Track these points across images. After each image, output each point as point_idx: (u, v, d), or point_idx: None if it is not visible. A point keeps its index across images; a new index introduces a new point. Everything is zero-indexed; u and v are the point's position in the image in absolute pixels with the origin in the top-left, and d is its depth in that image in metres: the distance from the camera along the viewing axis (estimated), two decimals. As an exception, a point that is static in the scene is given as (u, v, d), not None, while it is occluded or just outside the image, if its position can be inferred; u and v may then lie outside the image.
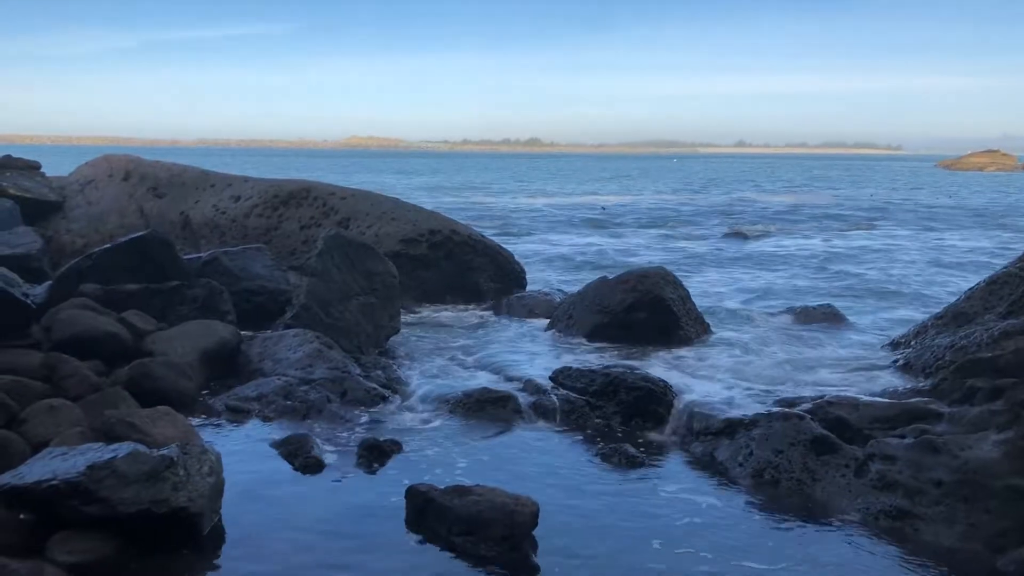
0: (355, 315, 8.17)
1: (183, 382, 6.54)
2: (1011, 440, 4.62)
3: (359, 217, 11.35)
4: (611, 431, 6.25)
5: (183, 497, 4.11)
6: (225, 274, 8.90)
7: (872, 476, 5.01)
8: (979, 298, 7.67)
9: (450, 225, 11.47)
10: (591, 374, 6.86)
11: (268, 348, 7.41)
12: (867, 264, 17.85)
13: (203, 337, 7.28)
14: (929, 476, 4.78)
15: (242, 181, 12.67)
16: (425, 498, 4.53)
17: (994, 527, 4.37)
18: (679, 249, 19.82)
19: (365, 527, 4.55)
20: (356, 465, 5.39)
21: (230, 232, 11.73)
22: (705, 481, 5.34)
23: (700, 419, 5.96)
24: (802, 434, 5.33)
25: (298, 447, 5.51)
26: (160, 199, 12.61)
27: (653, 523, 4.69)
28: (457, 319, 10.21)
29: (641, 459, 5.64)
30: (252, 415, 6.30)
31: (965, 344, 6.55)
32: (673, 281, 9.24)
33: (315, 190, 11.92)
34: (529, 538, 4.30)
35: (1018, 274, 7.45)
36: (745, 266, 17.09)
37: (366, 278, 8.47)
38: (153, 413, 5.32)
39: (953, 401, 5.49)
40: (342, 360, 7.14)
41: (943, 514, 4.59)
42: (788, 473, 5.21)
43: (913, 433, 5.16)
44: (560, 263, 16.93)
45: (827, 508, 4.92)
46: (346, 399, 6.55)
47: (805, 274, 16.18)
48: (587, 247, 20.14)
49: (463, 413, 6.49)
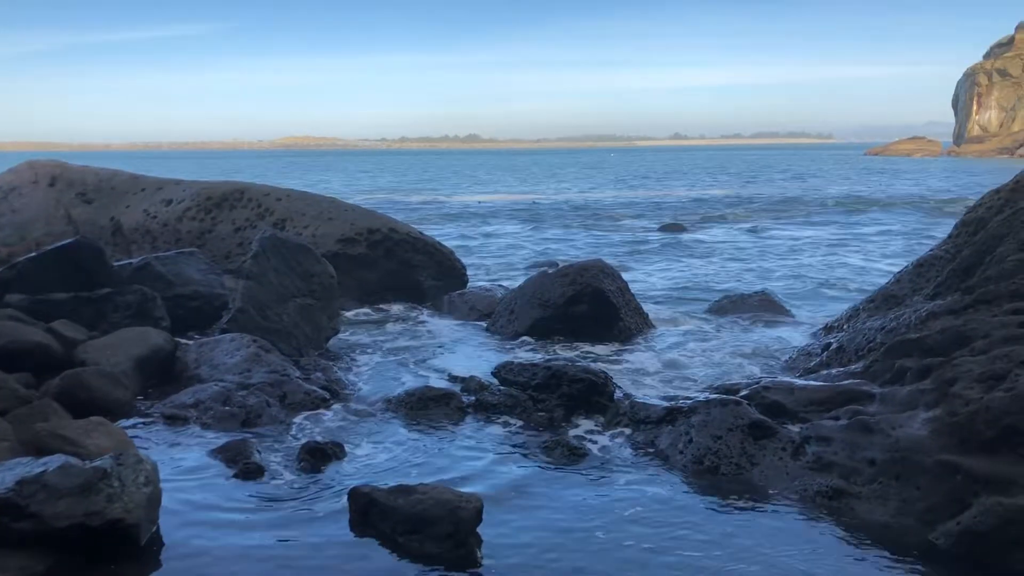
0: (293, 317, 8.07)
1: (117, 391, 6.39)
2: (939, 417, 4.76)
3: (295, 218, 11.21)
4: (554, 424, 6.27)
5: (118, 508, 4.01)
6: (158, 279, 8.71)
7: (809, 458, 5.12)
8: (907, 281, 7.89)
9: (388, 223, 11.39)
10: (533, 368, 6.87)
11: (205, 353, 7.27)
12: (802, 252, 18.24)
13: (137, 345, 7.12)
14: (863, 455, 4.90)
15: (174, 184, 12.41)
16: (368, 499, 4.49)
17: (925, 502, 4.49)
18: (617, 242, 20.01)
19: (308, 531, 4.49)
20: (298, 469, 5.32)
21: (163, 237, 11.49)
22: (647, 470, 5.39)
23: (641, 408, 6.02)
24: (740, 419, 5.41)
25: (237, 453, 5.42)
26: (89, 205, 12.28)
27: (597, 514, 4.72)
28: (398, 318, 10.16)
29: (584, 450, 5.67)
30: (190, 422, 6.18)
31: (895, 326, 6.73)
32: (612, 273, 9.33)
33: (249, 191, 11.73)
34: (474, 534, 4.30)
35: (943, 256, 7.69)
36: (681, 256, 17.33)
37: (303, 279, 8.37)
38: (86, 424, 5.18)
39: (884, 382, 5.63)
40: (281, 363, 7.04)
41: (877, 492, 4.71)
42: (727, 458, 5.29)
43: (847, 414, 5.28)
44: (500, 259, 16.95)
45: (766, 491, 5.00)
46: (286, 402, 6.47)
47: (741, 263, 16.46)
48: (525, 242, 20.20)
49: (406, 412, 6.46)
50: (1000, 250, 6.27)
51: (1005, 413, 4.47)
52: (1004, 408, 4.48)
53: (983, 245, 6.71)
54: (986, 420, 4.50)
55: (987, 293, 5.87)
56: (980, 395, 4.64)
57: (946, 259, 7.55)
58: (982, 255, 6.55)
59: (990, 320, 5.46)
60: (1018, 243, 6.22)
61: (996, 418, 4.48)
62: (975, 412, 4.57)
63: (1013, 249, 6.16)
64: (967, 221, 7.68)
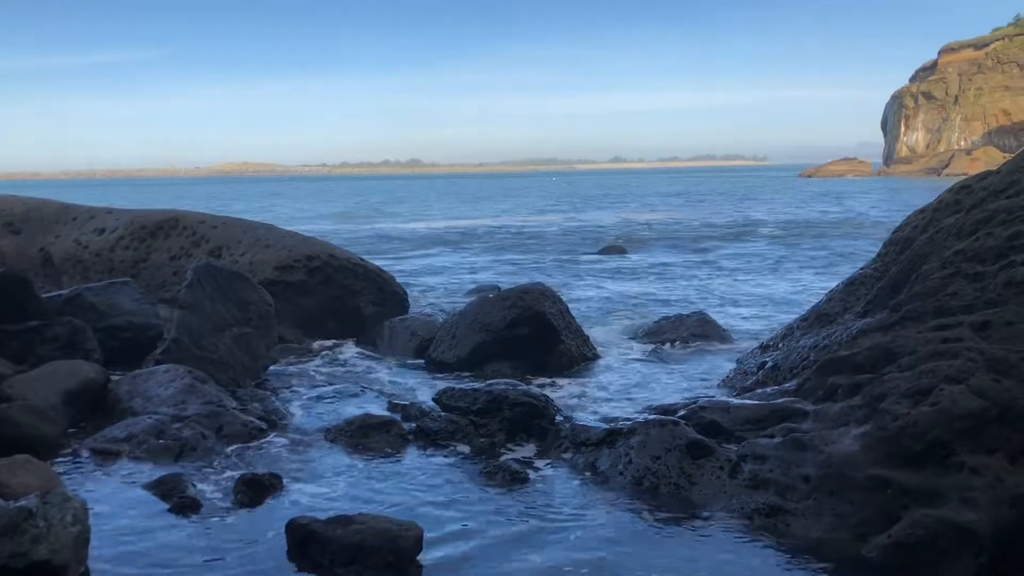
0: (229, 347, 7.94)
1: (45, 427, 6.20)
2: (870, 432, 4.86)
3: (232, 245, 11.05)
4: (495, 448, 6.26)
5: (44, 550, 3.89)
6: (89, 310, 8.51)
7: (745, 476, 5.19)
8: (839, 299, 8.08)
9: (328, 250, 11.29)
10: (474, 393, 6.86)
11: (138, 386, 7.10)
12: (740, 272, 18.55)
13: (66, 378, 6.93)
14: (798, 472, 4.98)
15: (106, 213, 12.16)
16: (306, 531, 4.43)
17: (858, 516, 4.59)
18: (557, 265, 20.13)
19: (245, 565, 4.40)
20: (234, 502, 5.22)
21: (95, 267, 11.24)
22: (588, 492, 5.41)
23: (581, 431, 6.05)
24: (677, 439, 5.47)
25: (172, 487, 5.30)
26: (16, 235, 11.97)
27: (538, 538, 4.72)
28: (337, 346, 10.06)
29: (524, 475, 5.67)
30: (122, 456, 6.02)
31: (827, 344, 6.88)
32: (552, 296, 9.38)
33: (184, 219, 11.55)
34: (414, 563, 4.27)
35: (872, 275, 7.90)
36: (622, 279, 17.50)
37: (240, 308, 8.24)
38: (11, 462, 5.01)
39: (817, 399, 5.74)
40: (216, 394, 6.91)
41: (812, 508, 4.79)
42: (666, 478, 5.34)
43: (781, 432, 5.37)
44: (441, 285, 16.92)
45: (705, 510, 5.06)
46: (222, 434, 6.35)
47: (680, 285, 16.68)
48: (466, 268, 20.21)
49: (345, 441, 6.39)
50: (925, 268, 6.46)
51: (931, 427, 4.59)
52: (930, 422, 4.61)
53: (909, 263, 6.91)
54: (913, 434, 4.62)
55: (913, 310, 6.04)
56: (907, 410, 4.76)
57: (875, 277, 7.75)
58: (909, 273, 6.74)
59: (916, 336, 5.61)
60: (942, 261, 6.42)
61: (923, 432, 4.60)
62: (903, 427, 4.69)
63: (937, 267, 6.35)
64: (894, 240, 7.91)
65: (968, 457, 4.45)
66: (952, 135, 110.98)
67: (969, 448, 4.49)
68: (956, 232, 6.60)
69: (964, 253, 6.13)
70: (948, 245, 6.49)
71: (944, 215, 7.27)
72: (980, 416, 4.54)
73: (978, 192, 6.95)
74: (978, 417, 4.54)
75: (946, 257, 6.37)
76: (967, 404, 4.59)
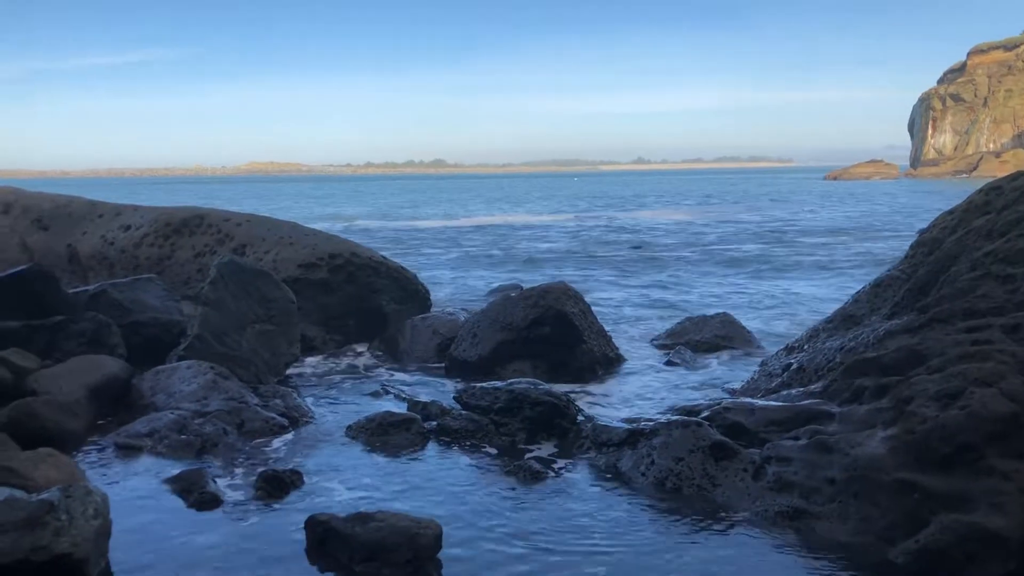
0: (252, 343, 7.96)
1: (69, 421, 6.25)
2: (897, 435, 4.78)
3: (256, 243, 11.08)
4: (516, 448, 6.23)
5: (66, 543, 3.90)
6: (114, 307, 8.56)
7: (769, 478, 5.12)
8: (865, 300, 7.97)
9: (351, 248, 11.29)
10: (495, 392, 6.83)
11: (161, 381, 7.15)
12: (765, 273, 18.41)
13: (91, 373, 6.98)
14: (823, 475, 4.91)
15: (132, 210, 12.23)
16: (326, 527, 4.42)
17: (884, 520, 4.51)
18: (579, 264, 20.07)
19: (265, 561, 4.40)
20: (255, 498, 5.22)
21: (120, 263, 11.31)
22: (610, 493, 5.36)
23: (603, 431, 6.00)
24: (701, 440, 5.41)
25: (193, 482, 5.31)
26: (45, 231, 12.07)
27: (558, 538, 4.68)
28: (359, 343, 10.06)
29: (545, 474, 5.63)
30: (144, 452, 6.05)
31: (853, 345, 6.78)
32: (575, 295, 9.32)
33: (209, 217, 11.59)
34: (433, 561, 4.24)
35: (900, 276, 7.78)
36: (645, 278, 17.41)
37: (262, 305, 8.27)
38: (34, 456, 5.04)
39: (843, 401, 5.65)
40: (239, 390, 6.94)
41: (837, 511, 4.71)
42: (689, 480, 5.28)
43: (807, 434, 5.29)
44: (464, 283, 16.91)
45: (728, 512, 5.00)
46: (243, 430, 6.36)
47: (704, 285, 16.57)
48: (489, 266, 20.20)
49: (365, 438, 6.38)
50: (954, 269, 6.35)
51: (960, 430, 4.51)
52: (959, 425, 4.52)
53: (937, 265, 6.80)
54: (942, 437, 4.54)
55: (942, 312, 5.94)
56: (936, 413, 4.68)
57: (902, 279, 7.64)
58: (937, 274, 6.64)
59: (945, 338, 5.51)
60: (971, 263, 6.31)
61: (951, 435, 4.51)
62: (931, 430, 4.60)
63: (966, 268, 6.25)
64: (922, 241, 7.79)
65: (998, 461, 4.36)
66: (981, 137, 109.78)
67: (999, 452, 4.39)
68: (986, 233, 6.49)
69: (995, 255, 6.03)
70: (978, 247, 6.39)
71: (973, 216, 7.15)
72: (1011, 420, 4.45)
73: (1009, 193, 6.83)
74: (1009, 421, 4.45)
75: (976, 259, 6.26)
76: (998, 407, 4.50)
